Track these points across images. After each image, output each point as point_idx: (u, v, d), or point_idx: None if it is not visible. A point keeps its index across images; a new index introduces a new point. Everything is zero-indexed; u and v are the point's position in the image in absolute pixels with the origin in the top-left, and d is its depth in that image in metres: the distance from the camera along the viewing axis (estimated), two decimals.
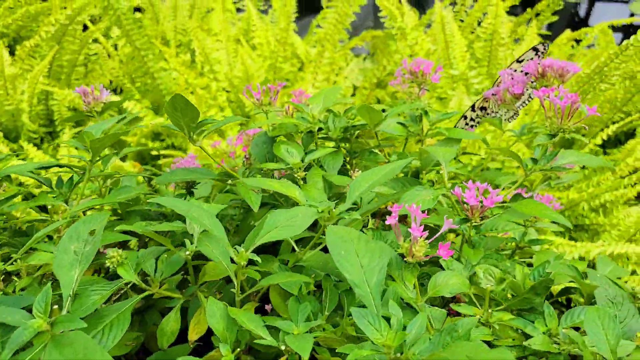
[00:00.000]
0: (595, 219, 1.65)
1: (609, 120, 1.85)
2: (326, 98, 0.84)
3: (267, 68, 1.91)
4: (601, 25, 2.19)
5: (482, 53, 2.02)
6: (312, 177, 0.75)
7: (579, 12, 4.28)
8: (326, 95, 0.84)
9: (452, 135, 0.96)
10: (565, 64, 0.96)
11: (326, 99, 0.84)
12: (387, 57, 1.96)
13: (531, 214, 0.72)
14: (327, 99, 0.84)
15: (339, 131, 0.83)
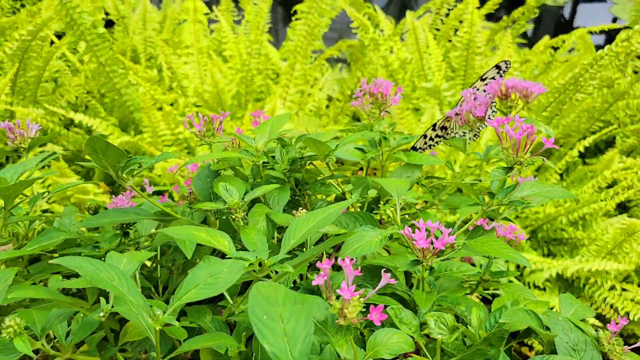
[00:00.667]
0: (573, 232, 1.60)
1: (587, 130, 1.81)
2: (273, 128, 0.78)
3: (238, 81, 1.85)
4: (580, 31, 2.14)
5: (459, 62, 1.97)
6: (254, 215, 0.69)
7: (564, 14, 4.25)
8: (273, 124, 0.79)
9: (412, 160, 0.91)
10: (529, 84, 0.90)
11: (273, 129, 0.78)
12: (360, 68, 1.91)
13: (488, 254, 0.67)
14: (274, 129, 0.78)
15: (287, 163, 0.77)
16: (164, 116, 1.60)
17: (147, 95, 1.57)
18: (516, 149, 0.67)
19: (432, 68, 1.83)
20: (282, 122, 0.79)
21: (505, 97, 0.93)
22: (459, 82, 1.98)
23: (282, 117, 0.82)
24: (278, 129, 0.78)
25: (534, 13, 2.06)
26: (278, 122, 0.79)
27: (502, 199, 0.70)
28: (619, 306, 1.47)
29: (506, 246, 0.67)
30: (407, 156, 0.92)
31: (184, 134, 1.65)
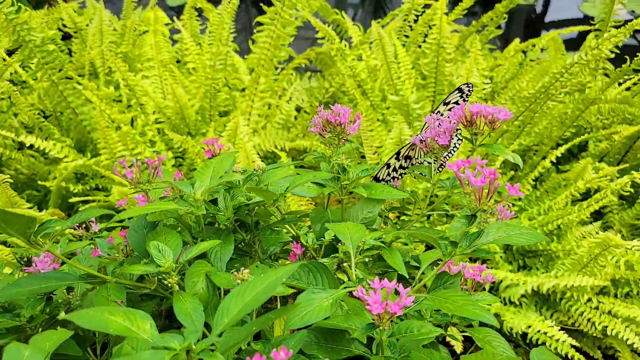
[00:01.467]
0: (548, 244, 1.54)
1: (559, 137, 1.75)
2: (216, 171, 0.70)
3: (202, 95, 1.76)
4: (551, 34, 2.08)
5: (429, 70, 1.89)
6: (192, 276, 0.61)
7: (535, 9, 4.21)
8: (216, 167, 0.71)
9: (373, 195, 0.83)
10: (494, 110, 0.83)
11: (216, 172, 0.70)
12: (329, 79, 1.83)
13: (450, 312, 0.59)
14: (217, 171, 0.70)
15: (231, 211, 0.69)
16: (121, 137, 1.51)
17: (103, 114, 1.48)
18: (478, 196, 0.59)
19: (401, 77, 1.76)
20: (226, 163, 0.71)
21: (470, 123, 0.86)
22: (430, 90, 1.91)
23: (226, 158, 0.74)
24: (221, 171, 0.70)
25: (503, 18, 1.99)
26: (221, 164, 0.71)
27: (465, 247, 0.63)
28: (596, 320, 1.41)
29: (470, 302, 0.60)
30: (368, 190, 0.84)
31: (144, 154, 1.56)
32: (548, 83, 1.48)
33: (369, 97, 1.78)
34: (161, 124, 1.75)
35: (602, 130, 1.85)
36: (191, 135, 1.78)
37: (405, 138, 1.40)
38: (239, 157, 1.42)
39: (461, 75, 1.51)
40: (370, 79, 1.89)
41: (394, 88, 1.71)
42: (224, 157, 0.72)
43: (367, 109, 1.70)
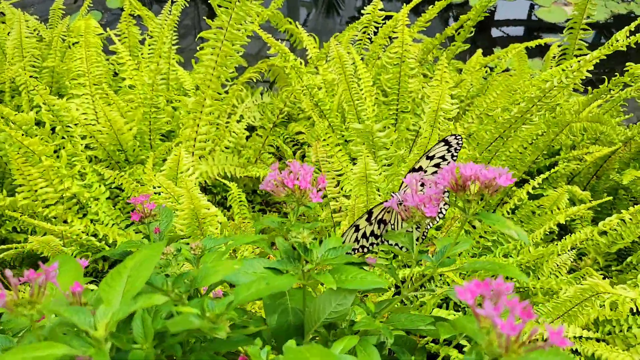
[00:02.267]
0: (525, 283, 1.38)
1: (532, 161, 1.59)
2: (130, 284, 0.49)
3: (140, 118, 1.53)
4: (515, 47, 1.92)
5: (391, 86, 1.71)
6: None
7: None
8: (133, 276, 0.49)
9: (345, 284, 0.64)
10: (492, 173, 0.65)
11: (130, 286, 0.48)
12: (282, 97, 1.62)
13: None
14: (132, 285, 0.49)
15: (151, 343, 0.48)
16: (43, 171, 1.27)
17: (18, 146, 1.24)
18: (505, 344, 0.40)
19: (362, 96, 1.57)
20: (147, 267, 0.50)
21: (463, 188, 0.67)
22: (393, 108, 1.72)
23: (146, 262, 0.53)
24: (139, 282, 0.49)
25: (470, 32, 1.82)
26: (140, 270, 0.50)
27: None
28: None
29: None
30: (337, 275, 0.65)
31: (72, 189, 1.32)
32: (525, 108, 1.31)
33: (327, 117, 1.59)
34: (93, 150, 1.51)
35: (573, 152, 1.71)
36: (129, 163, 1.55)
37: (370, 172, 1.21)
38: (182, 199, 1.20)
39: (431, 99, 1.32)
40: (327, 96, 1.69)
41: (355, 109, 1.52)
42: (145, 255, 0.51)
43: (325, 131, 1.50)
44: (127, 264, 0.51)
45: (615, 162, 1.78)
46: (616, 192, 1.79)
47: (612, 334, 1.38)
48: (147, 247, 0.53)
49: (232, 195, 1.43)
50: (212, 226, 1.28)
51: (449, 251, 0.71)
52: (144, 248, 0.53)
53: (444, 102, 1.25)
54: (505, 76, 1.91)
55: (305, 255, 0.65)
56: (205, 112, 1.44)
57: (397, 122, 1.70)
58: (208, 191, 1.63)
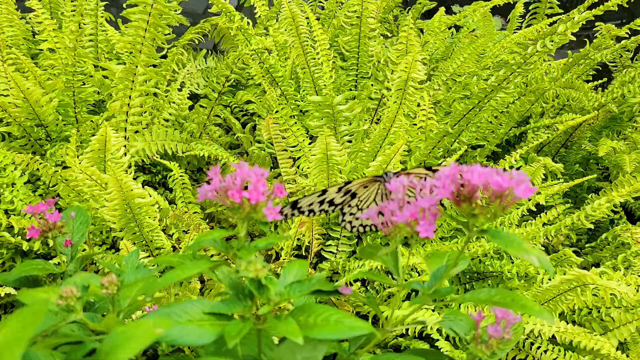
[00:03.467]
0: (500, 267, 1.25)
1: (505, 133, 1.44)
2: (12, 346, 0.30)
3: (62, 87, 1.30)
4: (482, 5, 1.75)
5: (349, 49, 1.52)
6: None
7: None
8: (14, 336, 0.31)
9: (314, 334, 0.46)
10: (508, 181, 0.48)
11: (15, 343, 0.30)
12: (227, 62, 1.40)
13: None
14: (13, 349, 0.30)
15: None
16: None
17: None
18: None
19: (318, 60, 1.37)
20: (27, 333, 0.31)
21: (468, 200, 0.50)
22: (352, 74, 1.54)
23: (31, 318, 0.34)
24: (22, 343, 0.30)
25: None
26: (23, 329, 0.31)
27: None
28: None
29: None
30: (304, 320, 0.47)
31: None
32: (503, 76, 1.15)
33: (279, 85, 1.39)
34: (7, 126, 1.27)
35: (544, 120, 1.57)
36: (51, 140, 1.32)
37: (332, 153, 1.02)
38: (111, 187, 0.99)
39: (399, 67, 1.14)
40: (280, 60, 1.49)
41: (311, 76, 1.33)
42: (10, 340, 0.32)
43: (277, 101, 1.30)
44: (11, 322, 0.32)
45: (587, 130, 1.65)
46: (587, 162, 1.67)
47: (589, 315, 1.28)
48: (17, 317, 0.34)
49: (174, 177, 1.23)
50: (150, 216, 1.08)
51: (446, 275, 0.54)
52: (12, 319, 0.34)
53: (414, 71, 1.07)
54: (472, 37, 1.74)
55: (259, 293, 0.47)
56: (139, 81, 1.22)
57: (357, 90, 1.51)
58: (147, 170, 1.42)
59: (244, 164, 0.51)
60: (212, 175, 0.51)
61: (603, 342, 1.13)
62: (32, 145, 1.30)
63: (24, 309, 0.36)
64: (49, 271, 0.60)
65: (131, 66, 1.19)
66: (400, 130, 1.12)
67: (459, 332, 0.58)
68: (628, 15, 1.36)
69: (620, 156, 1.48)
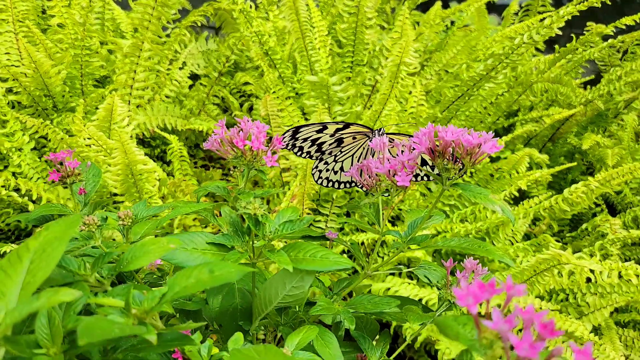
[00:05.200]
0: None
1: (493, 122, 1.52)
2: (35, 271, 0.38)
3: (70, 61, 1.37)
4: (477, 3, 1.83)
5: (347, 36, 1.60)
6: None
7: None
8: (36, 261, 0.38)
9: (303, 266, 0.54)
10: (477, 139, 0.56)
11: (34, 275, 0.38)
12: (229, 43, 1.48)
13: None
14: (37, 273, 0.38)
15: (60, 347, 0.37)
16: None
17: None
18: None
19: (315, 45, 1.45)
20: (53, 256, 0.39)
21: (442, 155, 0.58)
22: (348, 60, 1.61)
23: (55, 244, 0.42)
24: (46, 270, 0.38)
25: None
26: (47, 255, 0.39)
27: None
28: None
29: None
30: (293, 254, 0.55)
31: None
32: (491, 65, 1.23)
33: (277, 67, 1.47)
34: (17, 95, 1.35)
35: (532, 113, 1.66)
36: (57, 110, 1.40)
37: None
38: (115, 152, 1.07)
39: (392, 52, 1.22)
40: (278, 44, 1.57)
41: (308, 59, 1.40)
42: (55, 232, 0.40)
43: (275, 82, 1.38)
44: (31, 246, 0.40)
45: (573, 125, 1.74)
46: (572, 156, 1.76)
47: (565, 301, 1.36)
48: (57, 223, 0.42)
49: (173, 149, 1.31)
50: (150, 183, 1.16)
51: (421, 226, 0.62)
52: (53, 224, 0.42)
53: (407, 56, 1.15)
54: (466, 31, 1.82)
55: (256, 229, 0.55)
56: (144, 56, 1.30)
57: (352, 76, 1.59)
58: (146, 144, 1.49)
59: (247, 119, 0.59)
60: (219, 125, 0.58)
61: (577, 325, 1.21)
62: (39, 115, 1.37)
63: (63, 218, 0.43)
64: (65, 213, 0.68)
65: (138, 42, 1.27)
66: (392, 113, 1.20)
67: (432, 279, 0.66)
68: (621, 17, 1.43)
69: (603, 150, 1.57)
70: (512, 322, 0.30)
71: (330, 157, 0.72)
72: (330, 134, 0.69)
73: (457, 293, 0.33)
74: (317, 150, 0.71)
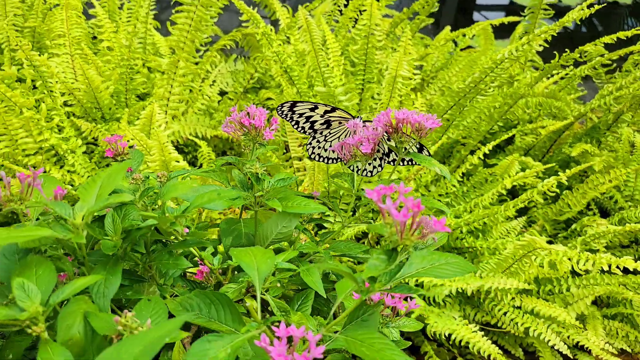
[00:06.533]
0: (473, 242, 1.51)
1: (487, 131, 1.71)
2: (103, 188, 0.60)
3: (117, 78, 1.62)
4: (481, 24, 2.04)
5: (358, 56, 1.82)
6: (66, 318, 0.51)
7: None
8: (105, 182, 0.60)
9: (289, 209, 0.75)
10: (421, 117, 0.77)
11: (103, 190, 0.59)
12: (252, 63, 1.72)
13: (366, 357, 0.52)
14: (105, 189, 0.59)
15: (120, 237, 0.59)
16: (23, 122, 1.36)
17: (2, 97, 1.33)
18: (400, 229, 0.52)
19: (330, 64, 1.68)
20: (117, 176, 0.61)
21: (396, 130, 0.79)
22: (359, 78, 1.83)
23: (117, 170, 0.64)
24: (110, 187, 0.60)
25: (435, 7, 1.93)
26: (111, 178, 0.61)
27: (385, 282, 0.56)
28: (519, 322, 1.39)
29: (388, 346, 0.53)
30: (283, 203, 0.76)
31: (50, 140, 1.42)
32: (478, 78, 1.43)
33: (295, 84, 1.69)
34: (71, 107, 1.60)
35: (529, 125, 1.84)
36: (105, 120, 1.65)
37: None
38: (153, 149, 1.30)
39: (390, 65, 1.43)
40: (298, 64, 1.80)
41: (322, 77, 1.63)
42: (115, 168, 0.62)
43: (293, 97, 1.61)
44: (101, 174, 0.62)
45: (569, 137, 1.91)
46: (567, 165, 1.92)
47: (552, 294, 1.52)
48: (116, 164, 0.64)
49: (202, 153, 1.53)
50: None
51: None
52: (114, 163, 0.64)
53: (402, 69, 1.36)
54: (469, 52, 2.03)
55: (257, 184, 0.76)
56: (179, 73, 1.54)
57: (363, 92, 1.81)
58: (180, 150, 1.73)
59: (253, 106, 0.81)
60: (232, 110, 0.80)
61: (560, 311, 1.37)
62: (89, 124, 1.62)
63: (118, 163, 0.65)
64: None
65: (174, 60, 1.51)
66: None
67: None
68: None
69: (591, 158, 1.74)
70: (396, 204, 0.50)
71: (321, 137, 0.93)
72: (321, 115, 0.90)
73: (367, 191, 0.53)
74: (310, 127, 0.91)
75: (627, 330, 1.49)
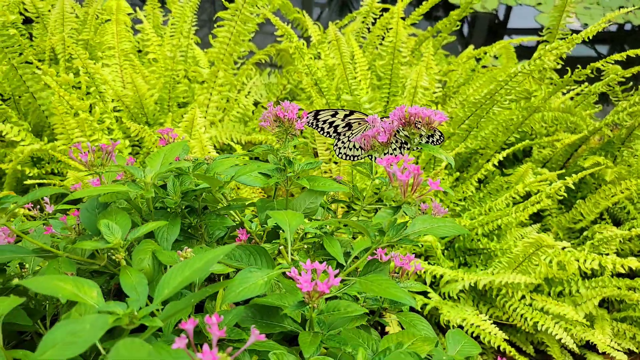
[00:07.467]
0: (487, 243, 1.63)
1: (504, 142, 1.84)
2: (166, 158, 0.75)
3: (161, 86, 1.80)
4: (501, 43, 2.18)
5: (384, 71, 1.97)
6: (139, 254, 0.67)
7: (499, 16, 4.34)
8: (167, 154, 0.76)
9: (315, 187, 0.89)
10: (430, 112, 0.91)
11: (166, 159, 0.75)
12: (286, 76, 1.88)
13: (376, 294, 0.66)
14: (167, 159, 0.75)
15: (179, 196, 0.74)
16: (79, 123, 1.54)
17: (62, 100, 1.51)
18: (403, 190, 0.66)
19: (357, 77, 1.83)
20: (177, 150, 0.76)
21: (409, 124, 0.93)
22: (385, 91, 1.98)
23: (177, 145, 0.79)
24: (172, 158, 0.75)
25: (457, 25, 2.08)
26: (172, 151, 0.76)
27: (392, 236, 0.69)
28: (528, 317, 1.50)
29: (393, 285, 0.67)
30: (310, 183, 0.90)
31: (102, 140, 1.59)
32: (493, 90, 1.56)
33: (324, 95, 1.85)
34: (119, 112, 1.78)
35: (545, 138, 1.96)
36: (149, 125, 1.82)
37: None
38: (195, 148, 1.46)
39: (411, 77, 1.58)
40: (327, 77, 1.95)
41: (349, 88, 1.78)
42: (175, 144, 0.78)
43: (322, 107, 1.76)
44: (164, 148, 0.77)
45: (586, 151, 2.03)
46: (583, 177, 2.03)
47: (563, 295, 1.63)
48: (176, 142, 0.80)
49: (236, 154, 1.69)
50: None
51: None
52: (174, 142, 0.80)
53: (422, 80, 1.51)
54: (490, 69, 2.16)
55: (289, 166, 0.91)
56: (218, 82, 1.70)
57: (387, 104, 1.96)
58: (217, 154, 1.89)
59: (287, 102, 0.96)
60: (269, 105, 0.95)
61: (569, 309, 1.48)
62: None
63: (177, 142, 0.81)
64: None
65: (214, 70, 1.68)
66: None
67: None
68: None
69: (604, 169, 1.85)
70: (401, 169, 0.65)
71: (345, 138, 1.07)
72: (341, 119, 1.05)
73: (378, 160, 0.67)
74: (334, 131, 1.06)
75: (635, 331, 1.58)
